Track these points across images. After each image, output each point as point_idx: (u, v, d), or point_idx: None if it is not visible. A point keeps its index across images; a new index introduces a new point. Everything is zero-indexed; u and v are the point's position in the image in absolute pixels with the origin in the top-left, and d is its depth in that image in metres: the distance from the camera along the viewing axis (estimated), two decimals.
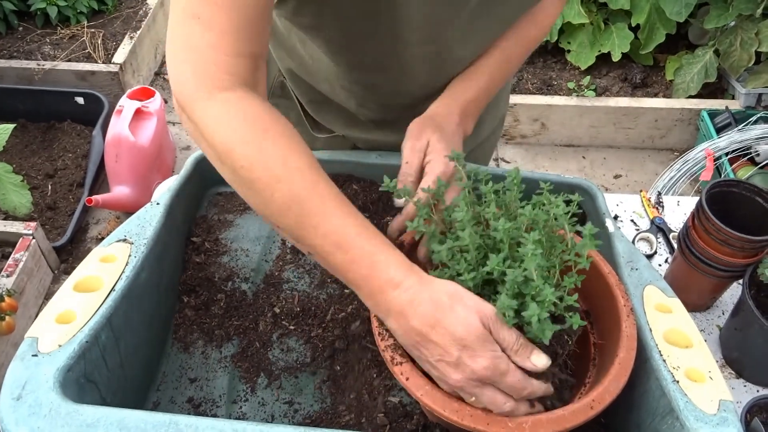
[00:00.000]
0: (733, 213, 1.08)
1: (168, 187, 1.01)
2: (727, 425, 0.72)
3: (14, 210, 1.85)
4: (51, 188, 2.60)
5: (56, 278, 2.39)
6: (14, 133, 2.53)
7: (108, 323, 0.78)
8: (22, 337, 0.68)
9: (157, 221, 0.93)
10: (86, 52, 2.94)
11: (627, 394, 0.83)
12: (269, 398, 0.91)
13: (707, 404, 0.74)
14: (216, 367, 0.94)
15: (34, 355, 0.72)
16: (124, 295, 0.82)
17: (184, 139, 2.98)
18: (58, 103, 2.80)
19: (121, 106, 2.51)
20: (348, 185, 1.14)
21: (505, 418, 0.70)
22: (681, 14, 2.74)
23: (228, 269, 1.03)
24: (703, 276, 1.12)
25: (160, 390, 0.91)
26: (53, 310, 0.78)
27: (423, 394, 0.71)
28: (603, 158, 2.94)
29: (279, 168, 0.71)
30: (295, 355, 0.95)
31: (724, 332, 1.16)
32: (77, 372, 0.73)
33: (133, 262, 0.85)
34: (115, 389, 0.82)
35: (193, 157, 1.09)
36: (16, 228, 2.23)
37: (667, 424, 0.76)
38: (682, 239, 1.14)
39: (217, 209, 1.13)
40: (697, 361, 0.79)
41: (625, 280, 0.89)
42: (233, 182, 0.75)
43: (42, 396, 0.69)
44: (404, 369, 0.73)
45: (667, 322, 0.83)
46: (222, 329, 0.97)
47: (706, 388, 0.76)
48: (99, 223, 2.60)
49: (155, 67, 3.27)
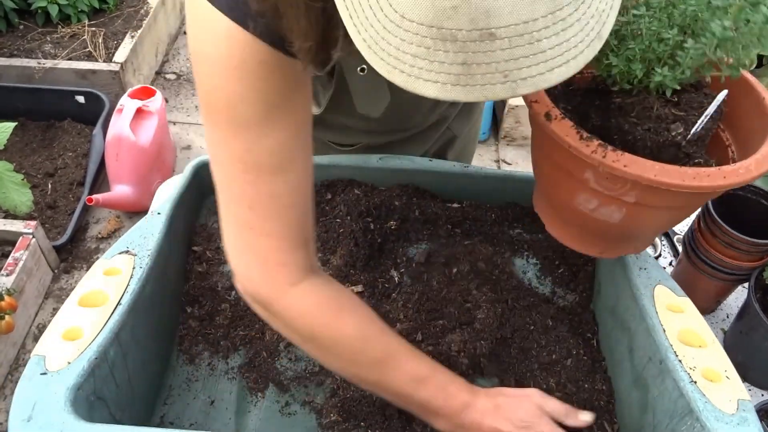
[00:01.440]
0: (739, 216, 1.08)
1: (168, 196, 1.00)
2: (748, 425, 0.72)
3: (15, 209, 1.84)
4: (51, 187, 2.58)
5: (56, 277, 2.38)
6: (14, 132, 2.50)
7: (116, 338, 0.78)
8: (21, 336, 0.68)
9: (159, 232, 0.92)
10: (87, 50, 2.92)
11: (642, 396, 0.83)
12: (279, 409, 0.90)
13: (726, 404, 0.74)
14: (223, 378, 0.93)
15: (42, 374, 0.71)
16: (131, 308, 0.81)
17: (184, 139, 2.97)
18: (59, 102, 2.78)
19: (121, 105, 2.49)
20: (349, 190, 1.13)
21: (635, 157, 0.68)
22: None
23: (231, 278, 1.03)
24: (708, 279, 1.12)
25: (167, 404, 0.91)
26: (59, 326, 0.77)
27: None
28: None
29: (358, 342, 0.81)
30: (304, 364, 0.94)
31: (729, 335, 1.15)
32: (87, 390, 0.73)
33: (138, 275, 0.85)
34: (124, 405, 0.81)
35: (192, 165, 1.08)
36: (16, 227, 2.21)
37: (686, 425, 0.75)
38: (688, 242, 1.14)
39: (216, 217, 1.12)
40: (713, 361, 0.79)
41: (634, 280, 0.89)
42: (318, 357, 0.85)
43: (53, 416, 0.68)
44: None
45: (680, 322, 0.83)
46: (228, 340, 0.96)
47: (724, 388, 0.76)
48: (99, 222, 2.59)
49: (156, 66, 3.25)
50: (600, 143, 0.69)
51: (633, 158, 0.68)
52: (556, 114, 0.72)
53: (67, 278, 2.38)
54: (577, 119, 0.75)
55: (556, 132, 0.71)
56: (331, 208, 1.12)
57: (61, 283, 2.36)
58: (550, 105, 0.73)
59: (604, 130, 0.77)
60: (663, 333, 0.81)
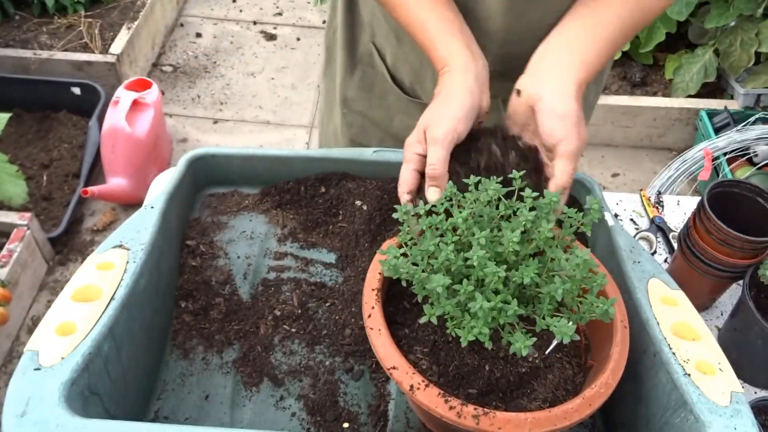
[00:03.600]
0: (734, 213, 1.08)
1: (161, 189, 1.00)
2: (741, 417, 0.73)
3: (9, 200, 1.84)
4: (46, 179, 2.58)
5: (51, 269, 2.38)
6: (10, 123, 2.49)
7: (110, 333, 0.77)
8: (15, 328, 0.68)
9: (153, 225, 0.91)
10: (83, 42, 2.92)
11: (636, 388, 0.84)
12: (273, 403, 0.91)
13: (720, 396, 0.74)
14: (217, 372, 0.93)
15: (36, 369, 0.71)
16: (125, 303, 0.81)
17: (180, 131, 2.96)
18: (55, 93, 2.78)
19: (117, 97, 2.49)
20: (342, 184, 1.13)
21: (508, 414, 0.71)
22: (682, 13, 2.73)
23: (225, 272, 1.03)
24: (702, 276, 1.12)
25: (161, 399, 0.90)
26: (52, 321, 0.77)
27: (417, 392, 0.72)
28: (601, 156, 2.94)
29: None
30: (298, 358, 0.94)
31: (723, 333, 1.16)
32: (81, 385, 0.72)
33: (131, 269, 0.84)
34: (118, 400, 0.81)
35: (186, 158, 1.08)
36: (11, 218, 2.22)
37: (680, 418, 0.76)
38: (683, 239, 1.14)
39: (210, 211, 1.12)
40: (706, 354, 0.79)
41: (629, 273, 0.89)
42: None
43: (47, 412, 0.68)
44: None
45: (673, 315, 0.84)
46: (222, 334, 0.96)
47: (717, 381, 0.76)
48: (94, 214, 2.59)
49: (152, 58, 3.25)
50: (474, 409, 0.70)
51: (506, 417, 0.70)
52: (418, 383, 0.73)
53: (61, 270, 2.38)
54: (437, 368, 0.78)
55: (424, 403, 0.72)
56: (324, 200, 1.12)
57: (56, 275, 2.36)
58: (411, 371, 0.74)
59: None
60: (657, 326, 0.82)
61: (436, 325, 0.77)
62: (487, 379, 0.77)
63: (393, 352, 0.75)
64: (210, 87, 3.18)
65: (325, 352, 0.95)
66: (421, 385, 0.72)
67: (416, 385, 0.72)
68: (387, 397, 0.90)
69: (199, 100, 3.11)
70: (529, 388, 0.78)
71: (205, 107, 3.08)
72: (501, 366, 0.77)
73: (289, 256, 1.06)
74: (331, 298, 1.00)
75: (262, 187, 1.15)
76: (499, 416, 0.70)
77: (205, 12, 3.60)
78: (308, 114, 3.08)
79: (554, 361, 0.80)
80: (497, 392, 0.77)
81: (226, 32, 3.48)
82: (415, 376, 0.73)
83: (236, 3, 3.67)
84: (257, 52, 3.38)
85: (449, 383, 0.77)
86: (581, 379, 0.81)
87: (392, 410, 0.89)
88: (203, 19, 3.55)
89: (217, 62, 3.30)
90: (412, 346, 0.80)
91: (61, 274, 2.37)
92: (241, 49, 3.39)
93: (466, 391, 0.77)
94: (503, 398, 0.77)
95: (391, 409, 0.89)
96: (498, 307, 0.72)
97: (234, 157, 1.13)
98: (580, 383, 0.80)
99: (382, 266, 0.78)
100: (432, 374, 0.77)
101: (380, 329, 0.77)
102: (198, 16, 3.57)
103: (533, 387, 0.78)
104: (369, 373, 0.93)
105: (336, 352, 0.95)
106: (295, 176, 1.14)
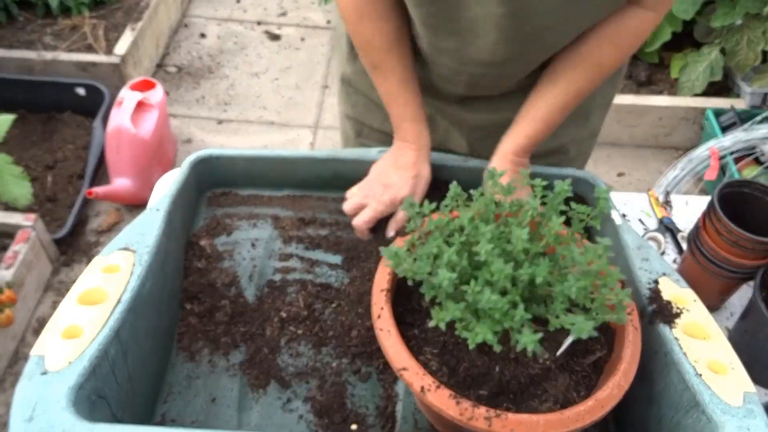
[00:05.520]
0: (744, 214, 1.07)
1: (165, 191, 0.99)
2: (754, 417, 0.72)
3: (14, 201, 1.84)
4: (51, 180, 2.58)
5: (56, 270, 2.37)
6: (14, 124, 2.48)
7: (116, 336, 0.77)
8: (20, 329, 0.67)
9: (158, 228, 0.91)
10: (87, 43, 2.91)
11: (647, 389, 0.83)
12: (281, 405, 0.90)
13: (732, 397, 0.73)
14: (224, 375, 0.92)
15: (43, 374, 0.70)
16: (131, 306, 0.80)
17: (185, 132, 2.96)
18: (59, 94, 2.78)
19: (122, 97, 2.48)
20: (347, 187, 1.12)
21: (520, 416, 0.70)
22: (688, 12, 2.71)
23: (230, 274, 1.02)
24: (712, 277, 1.11)
25: (167, 402, 0.90)
26: (58, 325, 0.76)
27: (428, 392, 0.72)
28: (606, 156, 2.93)
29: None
30: (305, 360, 0.94)
31: (733, 334, 1.15)
32: (88, 389, 0.72)
33: (137, 272, 0.84)
34: (125, 403, 0.80)
35: (190, 160, 1.07)
36: (16, 219, 2.21)
37: (692, 419, 0.75)
38: (693, 240, 1.13)
39: (214, 212, 1.12)
40: (718, 353, 0.78)
41: (636, 272, 0.88)
42: None
43: (54, 416, 0.67)
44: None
45: (684, 315, 0.83)
46: (228, 336, 0.96)
47: (730, 380, 0.75)
48: (99, 215, 2.58)
49: (157, 58, 3.24)
50: (486, 411, 0.70)
51: (518, 419, 0.70)
52: (429, 384, 0.73)
53: (66, 271, 2.38)
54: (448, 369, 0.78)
55: (435, 404, 0.71)
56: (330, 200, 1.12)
57: (61, 276, 2.36)
58: (422, 372, 0.74)
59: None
60: (668, 326, 0.81)
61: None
62: (498, 380, 0.76)
63: (403, 353, 0.75)
64: (214, 87, 3.17)
65: (332, 353, 0.94)
66: (431, 386, 0.72)
67: (427, 387, 0.72)
68: (395, 398, 0.90)
69: (204, 100, 3.11)
70: (540, 390, 0.77)
71: (209, 108, 3.08)
72: (512, 367, 0.77)
73: (295, 258, 1.05)
74: (337, 300, 1.00)
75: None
76: (511, 418, 0.69)
77: (209, 12, 3.60)
78: (312, 114, 3.08)
79: (565, 363, 0.80)
80: (508, 393, 0.77)
81: (230, 33, 3.48)
82: (425, 377, 0.73)
83: (240, 3, 3.66)
84: (261, 53, 3.37)
85: (460, 384, 0.77)
86: (593, 380, 0.80)
87: (400, 411, 0.89)
88: (207, 20, 3.54)
89: (221, 63, 3.30)
90: (421, 347, 0.80)
91: (66, 275, 2.37)
92: (245, 50, 3.38)
93: (477, 392, 0.76)
94: (514, 400, 0.77)
95: (399, 410, 0.89)
96: (506, 310, 0.71)
97: (238, 159, 1.13)
98: (592, 385, 0.80)
99: (387, 257, 0.77)
100: (442, 375, 0.77)
101: (390, 330, 0.77)
102: (202, 17, 3.56)
103: (544, 388, 0.77)
104: (376, 374, 0.92)
105: (343, 353, 0.94)
106: (301, 177, 1.14)
